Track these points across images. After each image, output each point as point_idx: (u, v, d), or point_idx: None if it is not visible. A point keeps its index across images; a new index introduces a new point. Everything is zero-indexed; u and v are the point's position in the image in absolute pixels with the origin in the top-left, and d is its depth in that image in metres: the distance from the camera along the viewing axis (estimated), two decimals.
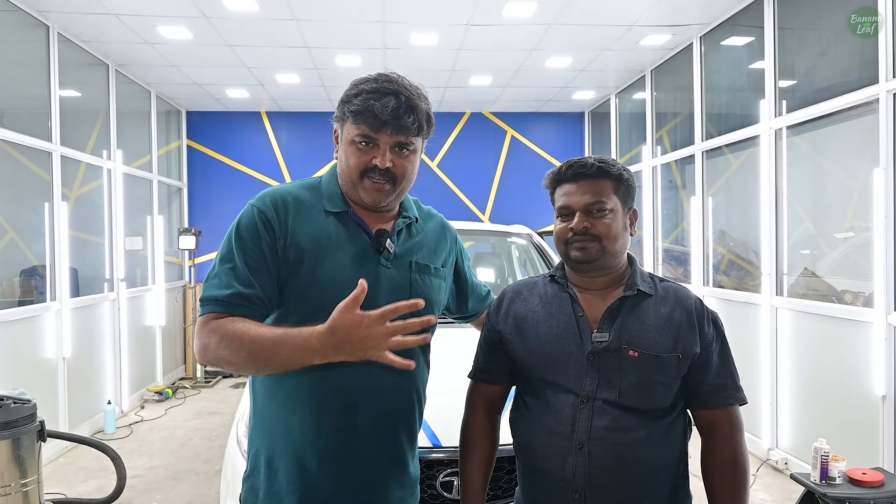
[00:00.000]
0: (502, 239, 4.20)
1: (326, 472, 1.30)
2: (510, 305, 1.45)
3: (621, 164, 1.38)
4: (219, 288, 1.26)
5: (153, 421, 5.25)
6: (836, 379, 3.61)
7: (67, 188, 4.91)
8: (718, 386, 1.34)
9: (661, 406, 1.31)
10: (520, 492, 1.44)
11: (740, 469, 1.33)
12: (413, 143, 1.32)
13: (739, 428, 1.36)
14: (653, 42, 5.27)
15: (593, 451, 1.27)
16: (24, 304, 4.40)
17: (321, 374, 1.29)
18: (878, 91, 3.29)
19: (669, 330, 1.32)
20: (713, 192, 5.23)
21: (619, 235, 1.35)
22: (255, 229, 1.29)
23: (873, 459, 3.23)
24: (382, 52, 5.44)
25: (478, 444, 1.46)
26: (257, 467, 1.36)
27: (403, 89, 1.30)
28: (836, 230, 4.24)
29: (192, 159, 7.52)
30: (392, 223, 1.40)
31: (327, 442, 1.30)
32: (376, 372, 1.32)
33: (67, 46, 4.86)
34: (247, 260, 1.28)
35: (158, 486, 3.82)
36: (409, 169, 1.34)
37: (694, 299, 1.38)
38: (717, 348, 1.35)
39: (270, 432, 1.34)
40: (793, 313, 3.99)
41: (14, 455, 3.08)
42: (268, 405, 1.35)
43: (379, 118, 1.26)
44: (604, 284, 1.38)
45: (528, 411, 1.39)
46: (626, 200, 1.38)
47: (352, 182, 1.33)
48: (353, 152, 1.31)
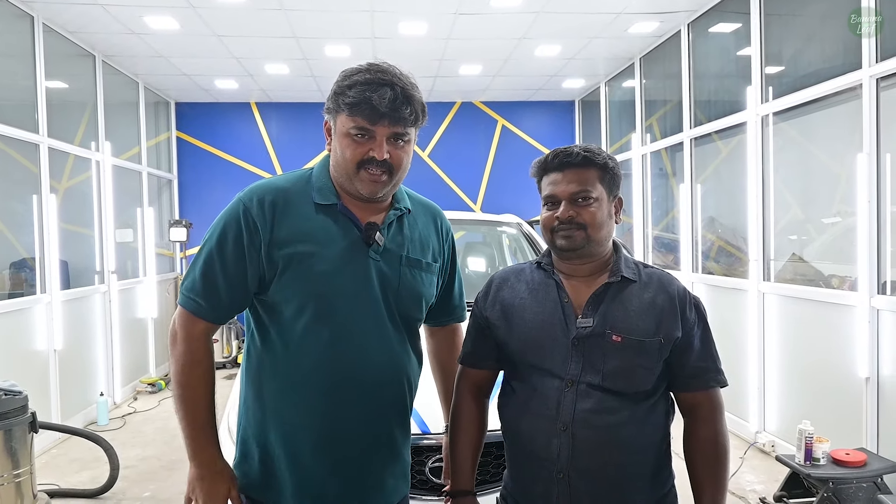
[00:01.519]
0: (492, 228, 4.22)
1: (319, 460, 1.32)
2: (497, 292, 1.47)
3: (606, 153, 1.40)
4: (193, 292, 1.34)
5: (146, 412, 5.27)
6: (822, 362, 3.66)
7: (56, 180, 4.89)
8: (700, 369, 1.38)
9: (644, 389, 1.34)
10: (507, 474, 1.47)
11: (721, 449, 1.36)
12: (408, 133, 1.33)
13: (720, 409, 1.39)
14: (641, 29, 5.28)
15: (577, 432, 1.30)
16: (14, 297, 4.39)
17: (313, 365, 1.31)
18: (861, 76, 3.32)
19: (652, 315, 1.35)
20: (703, 179, 5.26)
21: (604, 223, 1.37)
22: (238, 229, 1.32)
23: (857, 440, 3.29)
24: (371, 42, 5.43)
25: (466, 426, 1.49)
26: (249, 453, 1.38)
27: (398, 80, 1.30)
28: (824, 215, 4.28)
29: (181, 151, 7.49)
30: (383, 215, 1.40)
31: (320, 431, 1.32)
32: (369, 363, 1.34)
33: (53, 37, 4.82)
34: (225, 266, 1.32)
35: (152, 477, 3.84)
36: (406, 159, 1.35)
37: (677, 285, 1.41)
38: (699, 332, 1.38)
39: (264, 421, 1.36)
40: (779, 298, 4.04)
41: (6, 446, 3.09)
42: (261, 395, 1.36)
43: (377, 110, 1.26)
44: (589, 271, 1.40)
45: (515, 395, 1.41)
46: (611, 189, 1.39)
47: (348, 174, 1.33)
48: (348, 144, 1.30)
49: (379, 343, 1.36)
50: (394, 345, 1.38)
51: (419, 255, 1.44)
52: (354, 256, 1.34)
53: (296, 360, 1.32)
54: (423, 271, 1.44)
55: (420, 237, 1.46)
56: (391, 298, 1.37)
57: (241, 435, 1.40)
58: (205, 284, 1.32)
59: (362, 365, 1.34)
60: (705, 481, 1.36)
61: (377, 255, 1.36)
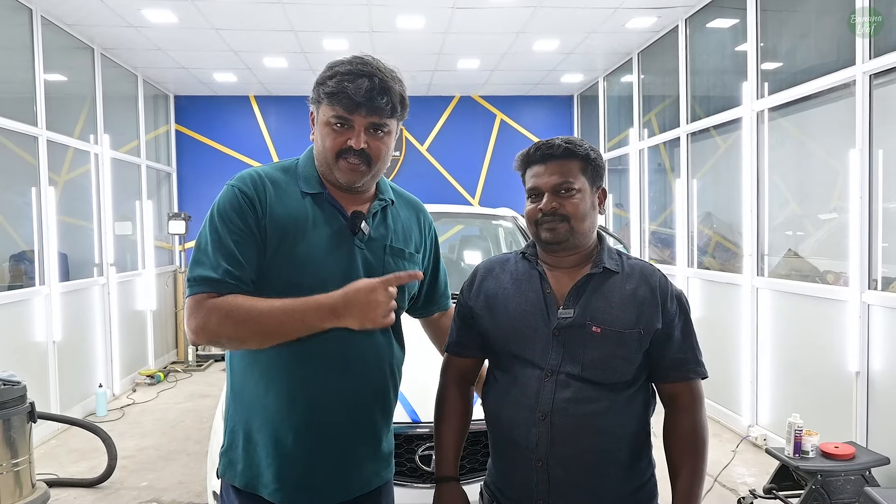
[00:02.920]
0: (488, 221, 4.24)
1: (301, 446, 1.34)
2: (482, 282, 1.50)
3: (589, 145, 1.41)
4: (208, 268, 1.27)
5: (145, 404, 5.31)
6: (814, 356, 3.69)
7: (55, 173, 4.91)
8: (680, 360, 1.39)
9: (623, 380, 1.36)
10: (490, 462, 1.50)
11: (699, 439, 1.38)
12: (387, 124, 1.35)
13: (700, 400, 1.40)
14: (639, 24, 5.28)
15: (555, 421, 1.33)
16: (14, 290, 4.42)
17: (296, 351, 1.33)
18: (854, 73, 3.33)
19: (633, 306, 1.36)
20: (701, 174, 5.27)
21: (587, 215, 1.38)
22: (239, 207, 1.31)
23: (847, 434, 3.32)
24: (370, 36, 5.43)
25: (451, 414, 1.52)
26: (235, 441, 1.40)
27: (377, 71, 1.32)
28: (820, 211, 4.30)
29: (180, 144, 7.50)
30: (368, 205, 1.43)
31: (302, 417, 1.34)
32: (351, 350, 1.36)
33: (51, 30, 4.83)
34: (235, 238, 1.29)
35: (149, 467, 3.88)
36: (384, 150, 1.37)
37: (658, 276, 1.42)
38: (680, 324, 1.39)
39: (248, 408, 1.38)
40: (773, 293, 4.06)
41: (5, 436, 3.12)
42: (245, 382, 1.39)
43: (353, 99, 1.29)
44: (572, 263, 1.42)
45: (497, 384, 1.44)
46: (594, 180, 1.40)
47: (328, 163, 1.35)
48: (328, 133, 1.33)
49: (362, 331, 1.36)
50: (377, 333, 1.40)
51: (402, 245, 1.46)
52: (340, 244, 1.36)
53: (278, 347, 1.33)
54: (406, 261, 1.46)
55: (403, 228, 1.49)
56: None
57: (229, 424, 1.43)
58: (221, 256, 1.28)
59: (345, 353, 1.36)
60: (682, 469, 1.37)
61: (362, 244, 1.39)
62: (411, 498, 1.98)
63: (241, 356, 1.40)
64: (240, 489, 1.38)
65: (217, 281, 1.26)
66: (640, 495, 1.41)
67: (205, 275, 1.27)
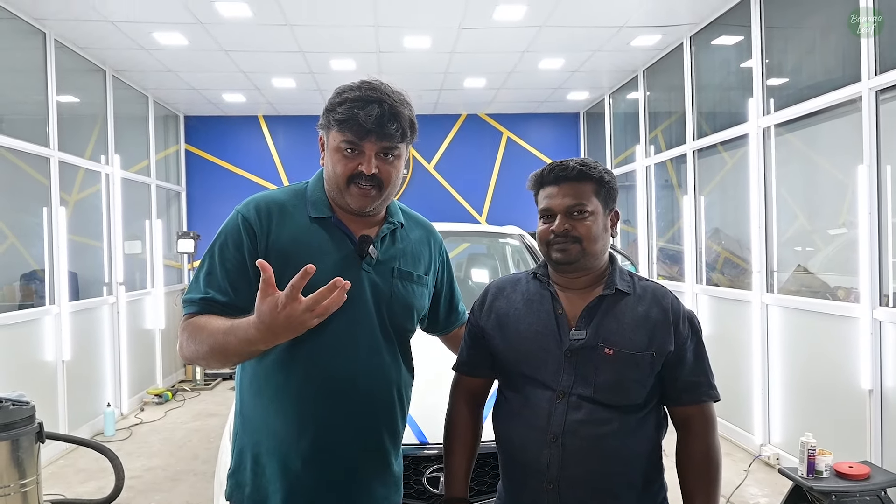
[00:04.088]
0: (495, 240, 4.24)
1: (310, 471, 1.34)
2: (493, 302, 1.49)
3: (602, 167, 1.42)
4: (195, 292, 1.33)
5: (152, 423, 5.30)
6: (825, 374, 3.64)
7: (66, 193, 4.96)
8: (692, 384, 1.38)
9: (635, 402, 1.35)
10: (500, 484, 1.48)
11: (712, 463, 1.37)
12: (398, 148, 1.36)
13: (712, 424, 1.39)
14: (644, 42, 5.32)
15: (567, 443, 1.32)
16: (25, 309, 4.45)
17: (305, 375, 1.33)
18: (860, 89, 3.33)
19: (645, 328, 1.35)
20: (707, 190, 5.26)
21: (599, 237, 1.38)
22: (238, 236, 1.34)
23: (861, 453, 3.27)
24: (377, 56, 5.49)
25: (460, 434, 1.51)
26: (243, 464, 1.40)
27: (387, 97, 1.33)
28: (829, 227, 4.27)
29: (190, 163, 7.58)
30: (377, 228, 1.44)
31: (310, 442, 1.34)
32: (359, 374, 1.36)
33: (64, 53, 4.92)
34: (226, 266, 1.33)
35: (157, 487, 3.87)
36: (394, 174, 1.38)
37: (671, 298, 1.41)
38: (692, 346, 1.39)
39: (257, 431, 1.38)
40: (783, 310, 4.03)
41: (13, 456, 3.12)
42: (254, 405, 1.39)
43: (363, 127, 1.30)
44: (584, 284, 1.41)
45: (508, 405, 1.43)
46: (607, 202, 1.41)
47: (339, 189, 1.36)
48: (339, 160, 1.34)
49: (370, 354, 1.38)
50: (385, 356, 1.40)
51: (411, 268, 1.47)
52: (348, 268, 1.36)
53: (287, 370, 1.34)
54: (415, 283, 1.47)
55: (413, 251, 1.49)
56: (384, 310, 1.40)
57: (237, 445, 1.43)
58: (209, 282, 1.34)
59: (353, 376, 1.36)
60: (696, 495, 1.36)
61: (370, 268, 1.39)
62: None
63: (250, 379, 1.40)
64: None
65: (195, 302, 1.32)
66: None
67: (187, 298, 1.34)
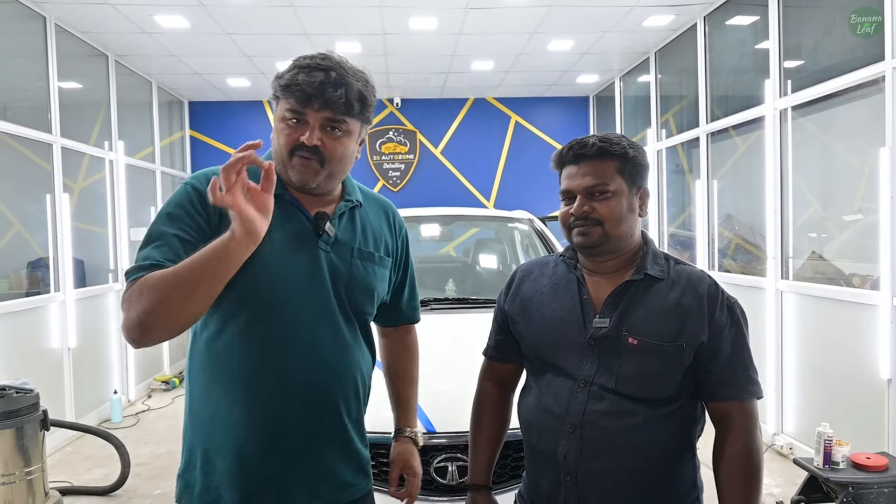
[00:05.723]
0: (504, 224, 4.18)
1: (269, 464, 1.28)
2: (519, 286, 1.43)
3: (627, 141, 1.31)
4: (145, 260, 1.18)
5: (159, 410, 5.30)
6: (842, 363, 3.56)
7: (71, 180, 4.93)
8: (729, 377, 1.26)
9: (663, 396, 1.26)
10: (525, 471, 1.44)
11: (751, 464, 1.24)
12: (345, 121, 1.27)
13: (753, 421, 1.27)
14: (656, 23, 5.19)
15: (585, 435, 1.25)
16: (32, 296, 4.43)
17: (260, 361, 1.26)
18: (884, 68, 3.22)
19: (675, 317, 1.25)
20: (720, 175, 5.16)
21: (623, 218, 1.27)
22: (188, 203, 1.25)
23: (878, 444, 3.19)
24: (382, 38, 5.40)
25: (486, 421, 1.46)
26: (192, 462, 1.32)
27: (336, 66, 1.26)
28: (845, 213, 4.17)
29: (195, 149, 7.53)
30: (333, 206, 1.36)
31: (268, 433, 1.27)
32: (319, 357, 1.30)
33: (65, 38, 4.85)
34: (178, 234, 1.21)
35: (164, 474, 3.86)
36: (340, 150, 1.28)
37: (708, 284, 1.29)
38: (731, 336, 1.26)
39: (208, 427, 1.30)
40: (798, 297, 3.94)
41: (17, 444, 3.11)
42: (204, 398, 1.31)
43: (305, 91, 1.22)
44: (613, 268, 1.32)
45: (531, 391, 1.38)
46: (633, 180, 1.30)
47: (282, 161, 1.29)
48: (282, 129, 1.27)
49: (330, 336, 1.31)
50: (346, 338, 1.33)
51: (372, 249, 1.39)
52: (302, 246, 1.29)
53: (240, 356, 1.26)
54: (376, 265, 1.39)
55: (373, 231, 1.42)
56: (342, 291, 1.33)
57: (188, 442, 1.34)
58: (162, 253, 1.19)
59: (313, 358, 1.29)
60: (732, 499, 1.24)
61: (327, 247, 1.32)
62: None
63: (199, 369, 1.32)
64: None
65: (144, 268, 1.15)
66: None
67: (132, 267, 1.18)
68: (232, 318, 1.25)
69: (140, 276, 1.15)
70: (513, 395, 1.49)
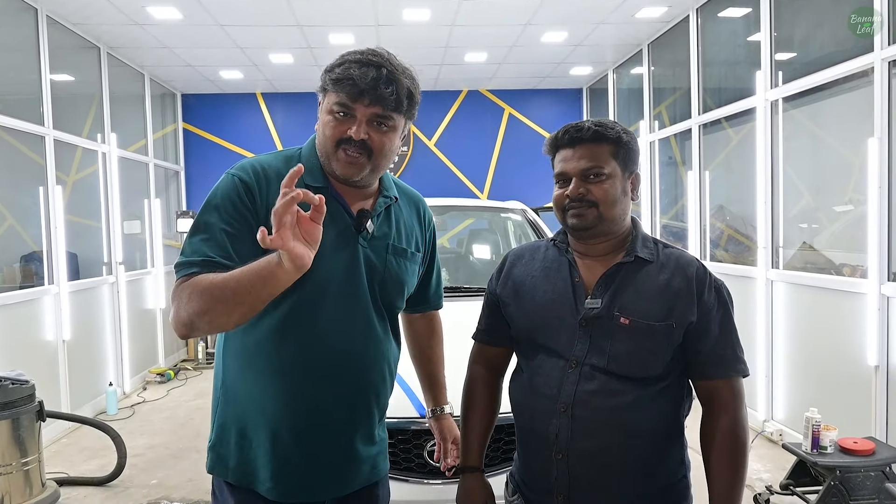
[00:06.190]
0: (497, 215, 4.20)
1: (301, 446, 1.32)
2: (511, 269, 1.46)
3: (621, 127, 1.34)
4: (193, 255, 1.22)
5: (155, 402, 5.31)
6: (831, 350, 3.61)
7: (64, 173, 4.91)
8: (717, 357, 1.30)
9: (652, 374, 1.29)
10: (516, 452, 1.47)
11: (738, 440, 1.28)
12: (392, 118, 1.29)
13: (739, 399, 1.31)
14: (649, 14, 5.20)
15: (577, 413, 1.28)
16: (26, 289, 4.43)
17: (297, 350, 1.30)
18: (872, 59, 3.25)
19: (665, 298, 1.29)
20: (712, 167, 5.19)
21: (617, 201, 1.31)
22: (236, 196, 1.27)
23: (866, 429, 3.25)
24: (375, 30, 5.39)
25: (478, 404, 1.49)
26: (225, 437, 1.36)
27: (387, 63, 1.28)
28: (835, 204, 4.21)
29: (188, 142, 7.50)
30: (371, 201, 1.39)
31: (301, 417, 1.31)
32: (353, 348, 1.34)
33: (57, 29, 4.83)
34: (227, 229, 1.24)
35: (159, 464, 3.88)
36: (387, 145, 1.31)
37: (696, 266, 1.33)
38: (719, 318, 1.30)
39: (242, 406, 1.34)
40: (788, 286, 3.98)
41: (14, 435, 3.12)
42: (240, 380, 1.35)
43: (357, 86, 1.24)
44: (604, 250, 1.35)
45: (522, 374, 1.40)
46: (626, 164, 1.33)
47: (327, 153, 1.31)
48: (329, 122, 1.29)
49: (364, 329, 1.35)
50: (378, 331, 1.37)
51: (404, 245, 1.43)
52: (345, 242, 1.33)
53: (278, 344, 1.29)
54: (408, 260, 1.43)
55: (405, 226, 1.46)
56: (376, 286, 1.37)
57: (220, 416, 1.38)
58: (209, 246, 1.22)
59: (347, 350, 1.33)
60: (720, 472, 1.28)
61: (365, 242, 1.35)
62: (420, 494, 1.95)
63: (235, 353, 1.36)
64: (234, 485, 1.35)
65: (195, 263, 1.20)
66: (668, 496, 1.34)
67: (184, 261, 1.22)
68: (273, 309, 1.26)
69: (191, 272, 1.20)
70: (502, 379, 1.52)
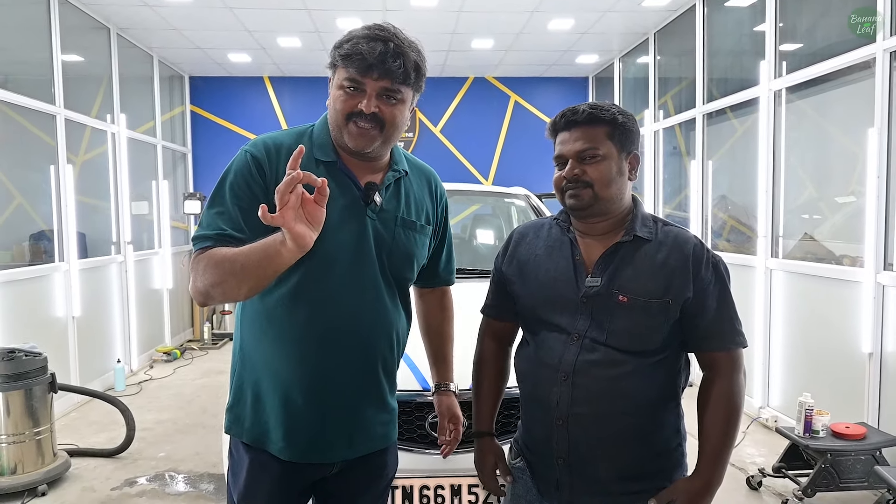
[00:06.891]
0: (500, 200, 4.25)
1: (311, 408, 1.38)
2: (516, 248, 1.51)
3: (617, 108, 1.37)
4: (209, 228, 1.30)
5: (162, 379, 5.41)
6: (827, 338, 3.67)
7: (73, 153, 4.97)
8: (715, 330, 1.35)
9: (651, 348, 1.35)
10: (521, 420, 1.54)
11: (731, 405, 1.34)
12: (400, 91, 1.34)
13: (738, 367, 1.36)
14: (655, 3, 5.21)
15: (577, 381, 1.34)
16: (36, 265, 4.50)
17: (308, 318, 1.36)
18: (874, 50, 3.27)
19: (663, 275, 1.33)
20: (717, 157, 5.22)
21: (612, 181, 1.35)
22: (248, 172, 1.33)
23: (859, 415, 3.31)
24: (383, 15, 5.41)
25: (488, 372, 1.56)
26: (242, 398, 1.43)
27: (394, 37, 1.32)
28: (837, 194, 4.24)
29: (195, 125, 7.55)
30: (381, 174, 1.43)
31: (312, 382, 1.37)
32: (362, 317, 1.39)
33: (68, 10, 4.87)
34: (239, 203, 1.31)
35: (167, 439, 3.97)
36: (398, 117, 1.35)
37: (693, 244, 1.37)
38: (716, 293, 1.35)
39: (257, 369, 1.41)
40: (787, 275, 4.03)
41: (27, 405, 3.21)
42: (255, 345, 1.42)
43: (366, 60, 1.28)
44: (604, 230, 1.40)
45: (527, 347, 1.47)
46: (623, 145, 1.36)
47: (338, 126, 1.36)
48: (339, 96, 1.34)
49: (372, 299, 1.40)
50: (386, 301, 1.42)
51: (413, 217, 1.47)
52: (353, 215, 1.38)
53: (290, 312, 1.35)
54: (417, 233, 1.47)
55: (415, 200, 1.50)
56: (385, 257, 1.41)
57: (237, 379, 1.45)
58: (224, 220, 1.31)
59: (356, 319, 1.38)
60: (711, 432, 1.33)
61: (374, 215, 1.40)
62: (423, 463, 2.02)
63: (251, 319, 1.42)
64: (249, 445, 1.42)
65: (210, 237, 1.29)
66: (663, 462, 1.40)
67: (200, 234, 1.30)
68: (285, 278, 1.33)
69: (206, 245, 1.28)
70: (510, 350, 1.59)
